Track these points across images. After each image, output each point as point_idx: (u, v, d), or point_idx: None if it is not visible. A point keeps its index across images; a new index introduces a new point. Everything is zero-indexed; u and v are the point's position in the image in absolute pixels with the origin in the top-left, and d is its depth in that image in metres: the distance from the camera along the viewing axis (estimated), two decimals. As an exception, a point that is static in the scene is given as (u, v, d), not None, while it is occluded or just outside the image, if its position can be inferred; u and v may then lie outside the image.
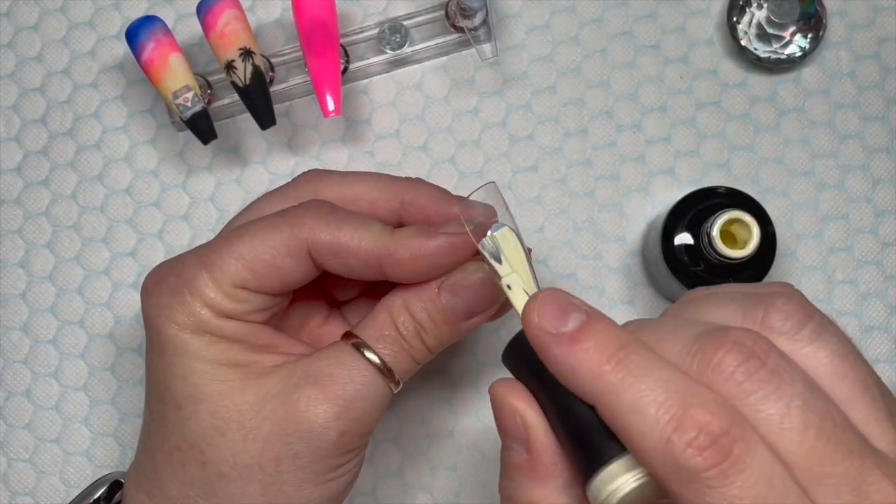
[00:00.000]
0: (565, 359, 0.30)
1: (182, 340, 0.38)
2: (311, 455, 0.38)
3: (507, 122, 0.52)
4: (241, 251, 0.39)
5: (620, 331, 0.30)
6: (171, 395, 0.39)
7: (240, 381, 0.38)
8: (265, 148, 0.52)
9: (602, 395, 0.29)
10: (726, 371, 0.28)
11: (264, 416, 0.38)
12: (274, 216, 0.40)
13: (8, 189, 0.52)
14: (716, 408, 0.27)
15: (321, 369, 0.39)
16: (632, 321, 0.32)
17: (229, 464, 0.38)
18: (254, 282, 0.39)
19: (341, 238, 0.39)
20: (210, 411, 0.38)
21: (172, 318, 0.39)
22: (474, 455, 0.51)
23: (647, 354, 0.29)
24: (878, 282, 0.51)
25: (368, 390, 0.39)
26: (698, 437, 0.27)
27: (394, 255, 0.39)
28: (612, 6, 0.53)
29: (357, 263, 0.39)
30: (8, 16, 0.53)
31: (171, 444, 0.39)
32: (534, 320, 0.31)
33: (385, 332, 0.39)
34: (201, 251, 0.40)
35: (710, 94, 0.52)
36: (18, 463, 0.51)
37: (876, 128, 0.52)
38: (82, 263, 0.52)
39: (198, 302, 0.38)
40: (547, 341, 0.30)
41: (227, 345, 0.39)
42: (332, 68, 0.48)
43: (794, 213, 0.52)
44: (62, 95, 0.53)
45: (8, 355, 0.51)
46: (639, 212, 0.52)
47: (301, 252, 0.39)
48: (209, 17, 0.47)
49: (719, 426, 0.27)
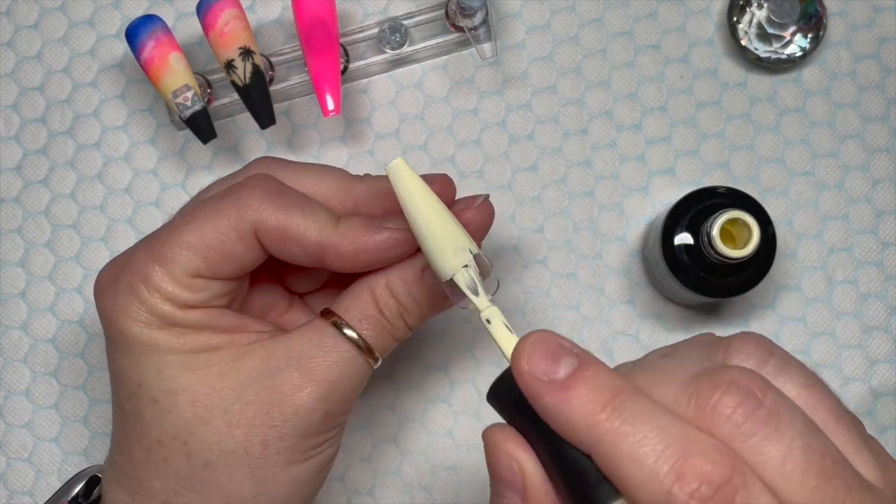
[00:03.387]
0: (558, 407, 0.29)
1: (149, 337, 0.38)
2: (296, 436, 0.38)
3: (507, 121, 0.52)
4: (190, 240, 0.38)
5: (614, 376, 0.29)
6: (145, 390, 0.38)
7: (217, 366, 0.38)
8: (265, 147, 0.52)
9: (598, 444, 0.28)
10: (724, 413, 0.27)
11: (247, 401, 0.38)
12: (218, 198, 0.39)
13: (7, 188, 0.52)
14: (716, 455, 0.27)
15: (303, 351, 0.38)
16: (622, 364, 0.31)
17: (214, 451, 0.38)
18: (207, 270, 0.38)
19: (288, 223, 0.38)
20: (190, 401, 0.38)
21: (134, 315, 0.38)
22: (474, 455, 0.51)
23: (643, 400, 0.28)
24: (878, 282, 0.51)
25: (351, 370, 0.39)
26: (700, 489, 0.26)
27: (336, 248, 0.38)
28: (612, 6, 0.53)
29: (299, 251, 0.39)
30: (8, 14, 0.53)
31: (151, 439, 0.38)
32: (524, 367, 0.29)
33: (367, 312, 0.39)
34: (150, 244, 0.39)
35: (710, 94, 0.52)
36: (17, 462, 0.51)
37: (876, 128, 0.52)
38: (82, 263, 0.52)
39: (156, 297, 0.38)
40: (539, 390, 0.29)
41: (195, 333, 0.38)
42: (331, 68, 0.48)
43: (794, 213, 0.52)
44: (62, 94, 0.53)
45: (7, 354, 0.51)
46: (639, 212, 0.52)
47: (250, 234, 0.38)
48: (209, 17, 0.47)
49: (720, 475, 0.26)
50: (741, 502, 0.26)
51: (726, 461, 0.27)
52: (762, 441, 0.27)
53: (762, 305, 0.51)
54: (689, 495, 0.26)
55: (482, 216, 0.40)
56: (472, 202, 0.40)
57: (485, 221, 0.41)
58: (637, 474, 0.27)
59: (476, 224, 0.40)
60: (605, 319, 0.51)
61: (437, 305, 0.40)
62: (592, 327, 0.51)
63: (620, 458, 0.27)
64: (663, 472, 0.26)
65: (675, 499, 0.26)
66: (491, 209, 0.41)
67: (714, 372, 0.28)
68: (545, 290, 0.51)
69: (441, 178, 0.41)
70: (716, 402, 0.27)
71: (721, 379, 0.28)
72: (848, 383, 0.50)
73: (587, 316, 0.51)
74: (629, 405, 0.28)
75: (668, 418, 0.28)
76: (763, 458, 0.27)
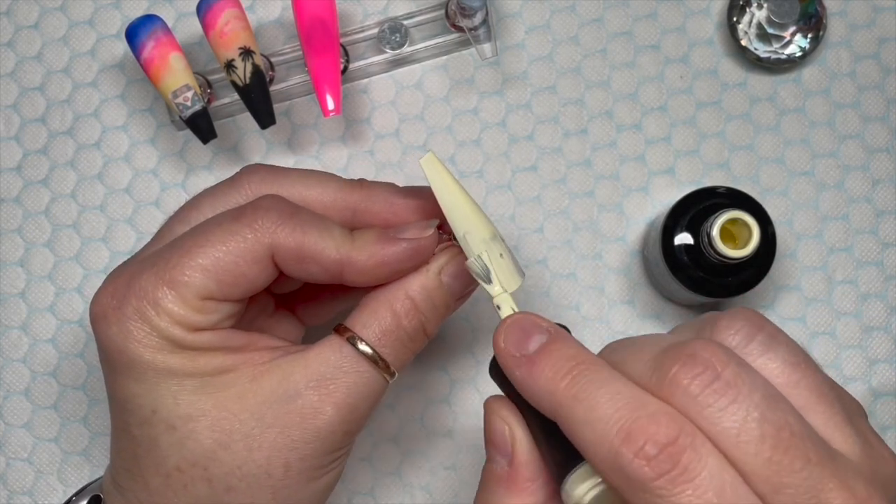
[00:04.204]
0: (524, 380, 0.31)
1: (162, 362, 0.37)
2: (317, 455, 0.38)
3: (507, 121, 0.52)
4: (203, 263, 0.37)
5: (577, 349, 0.31)
6: (160, 417, 0.37)
7: (234, 389, 0.37)
8: (265, 147, 0.52)
9: (558, 410, 0.30)
10: (682, 384, 0.28)
11: (267, 424, 0.37)
12: (229, 219, 0.38)
13: (8, 188, 0.52)
14: (664, 418, 0.28)
15: (322, 373, 0.38)
16: (615, 341, 0.32)
17: (236, 476, 0.37)
18: (219, 292, 0.38)
19: (306, 243, 0.38)
20: (209, 426, 0.37)
21: (144, 341, 0.37)
22: (474, 455, 0.51)
23: (601, 370, 0.30)
24: (878, 282, 0.51)
25: (370, 390, 0.39)
26: (645, 447, 0.27)
27: (356, 264, 0.38)
28: (612, 6, 0.53)
29: (317, 269, 0.38)
30: (8, 15, 0.53)
31: (169, 466, 0.37)
32: (500, 345, 0.32)
33: (387, 328, 0.39)
34: (157, 266, 0.37)
35: (710, 94, 0.52)
36: (17, 462, 0.51)
37: (876, 128, 0.52)
38: (82, 263, 0.52)
39: (166, 320, 0.37)
40: (510, 364, 0.32)
41: (209, 355, 0.38)
42: (331, 68, 0.48)
43: (794, 213, 0.52)
44: (62, 94, 0.53)
45: (7, 354, 0.51)
46: (639, 212, 0.52)
47: (266, 258, 0.38)
48: (209, 17, 0.47)
49: (666, 435, 0.27)
50: (686, 461, 0.27)
51: (673, 423, 0.28)
52: (717, 412, 0.28)
53: (762, 305, 0.51)
54: (635, 453, 0.27)
55: None
56: None
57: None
58: (590, 437, 0.29)
59: None
60: (605, 319, 0.51)
61: (453, 306, 0.41)
62: (592, 327, 0.51)
63: (576, 423, 0.29)
64: (612, 433, 0.28)
65: (622, 458, 0.28)
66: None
67: (678, 346, 0.29)
68: (545, 290, 0.51)
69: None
70: (675, 374, 0.28)
71: (682, 352, 0.29)
72: (848, 383, 0.50)
73: (587, 316, 0.51)
74: (587, 374, 0.30)
75: (623, 385, 0.29)
76: (718, 429, 0.28)
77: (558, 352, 0.31)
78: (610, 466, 0.28)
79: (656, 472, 0.27)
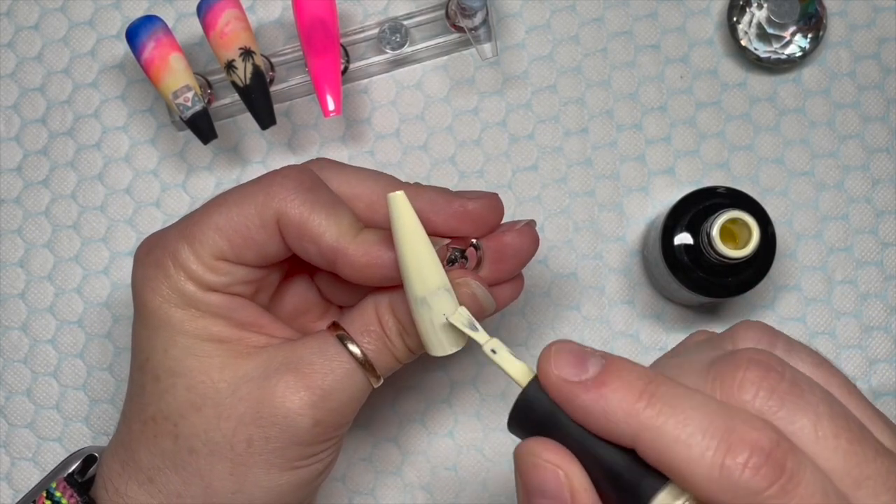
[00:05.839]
0: (595, 403, 0.29)
1: (165, 313, 0.38)
2: (283, 440, 0.38)
3: (507, 121, 0.52)
4: (218, 222, 0.38)
5: (641, 368, 0.29)
6: (151, 366, 0.39)
7: (220, 359, 0.38)
8: (265, 147, 0.52)
9: (641, 433, 0.28)
10: (751, 389, 0.28)
11: (240, 396, 0.38)
12: (251, 183, 0.39)
13: (8, 189, 0.52)
14: (759, 423, 0.27)
15: (302, 357, 0.38)
16: (652, 364, 0.32)
17: (201, 440, 0.38)
18: (231, 253, 0.38)
19: (309, 220, 0.38)
20: (187, 385, 0.38)
21: (157, 290, 0.38)
22: (474, 455, 0.51)
23: (675, 385, 0.28)
24: (878, 282, 0.51)
25: (348, 383, 0.39)
26: (752, 457, 0.26)
27: (349, 256, 0.38)
28: (612, 6, 0.53)
29: (314, 251, 0.38)
30: (8, 15, 0.53)
31: (147, 414, 0.39)
32: (552, 372, 0.30)
33: (370, 327, 0.39)
34: (184, 222, 0.39)
35: (710, 94, 0.52)
36: (21, 462, 0.51)
37: (876, 128, 0.52)
38: (82, 263, 0.52)
39: (182, 275, 0.38)
40: (571, 390, 0.29)
41: (210, 320, 0.39)
42: (332, 68, 0.48)
43: (794, 213, 0.52)
44: (62, 95, 0.53)
45: (7, 355, 0.51)
46: (639, 212, 0.52)
47: (273, 223, 0.38)
48: (209, 17, 0.47)
49: (769, 441, 0.27)
50: (792, 467, 0.26)
51: (769, 428, 0.27)
52: (792, 412, 0.28)
53: (762, 305, 0.51)
54: (743, 465, 0.26)
55: (521, 241, 0.40)
56: (514, 225, 0.41)
57: (524, 246, 0.40)
58: (685, 454, 0.27)
59: (514, 248, 0.40)
60: (605, 319, 0.51)
61: None
62: (593, 327, 0.51)
63: (666, 442, 0.27)
64: (713, 447, 0.27)
65: (729, 471, 0.26)
66: (533, 235, 0.41)
67: (730, 355, 0.29)
68: (545, 290, 0.51)
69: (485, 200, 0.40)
70: (741, 380, 0.28)
71: (740, 359, 0.28)
72: (848, 383, 0.51)
73: (587, 316, 0.51)
74: (664, 391, 0.28)
75: (703, 398, 0.28)
76: (794, 428, 0.27)
77: (625, 372, 0.29)
78: (714, 483, 0.27)
79: (768, 481, 0.26)
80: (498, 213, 0.41)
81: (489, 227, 0.40)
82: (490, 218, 0.40)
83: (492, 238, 0.40)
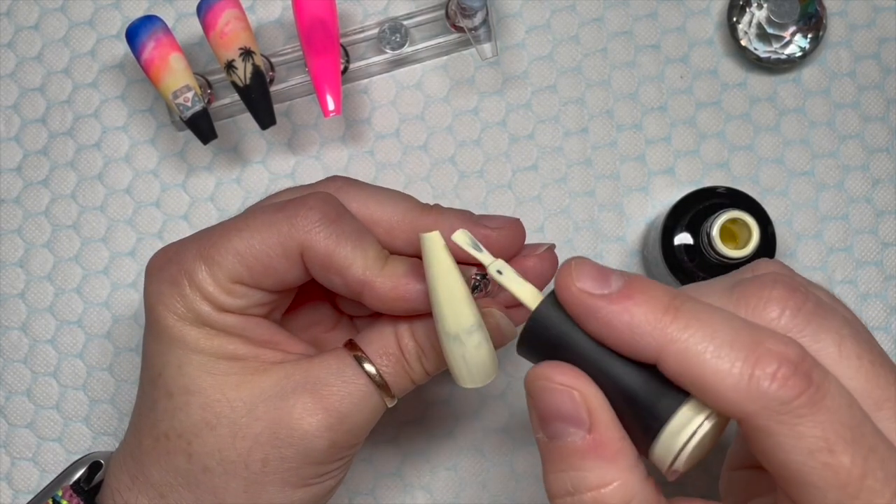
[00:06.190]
0: (619, 316, 0.28)
1: (179, 331, 0.38)
2: (298, 460, 0.38)
3: (507, 121, 0.52)
4: (238, 247, 0.38)
5: (664, 285, 0.29)
6: (163, 381, 0.38)
7: (236, 376, 0.38)
8: (265, 148, 0.52)
9: (667, 345, 0.28)
10: (777, 307, 0.28)
11: (256, 416, 0.38)
12: (274, 209, 0.38)
13: (8, 189, 0.52)
14: (785, 339, 0.27)
15: (320, 378, 0.38)
16: None
17: (215, 458, 0.38)
18: (250, 278, 0.38)
19: (336, 253, 0.37)
20: (201, 404, 0.38)
21: (171, 307, 0.38)
22: (474, 455, 0.51)
23: (700, 302, 0.28)
24: (878, 282, 0.51)
25: (364, 404, 0.38)
26: (781, 369, 0.27)
27: (377, 290, 0.37)
28: (612, 6, 0.53)
29: (340, 282, 0.38)
30: (8, 15, 0.53)
31: (159, 430, 0.38)
32: (573, 285, 0.29)
33: (389, 349, 0.39)
34: (202, 241, 0.39)
35: (710, 94, 0.52)
36: (21, 462, 0.51)
37: (876, 128, 0.52)
38: (81, 263, 0.52)
39: (197, 295, 0.38)
40: (594, 303, 0.28)
41: (225, 338, 0.38)
42: (332, 68, 0.48)
43: (794, 213, 0.52)
44: (62, 95, 0.53)
45: (7, 355, 0.51)
46: (639, 212, 0.52)
47: (296, 254, 0.38)
48: (209, 17, 0.47)
49: (795, 354, 0.27)
50: (818, 379, 0.27)
51: (795, 343, 0.27)
52: (817, 331, 0.28)
53: (762, 305, 0.51)
54: (772, 376, 0.27)
55: (542, 266, 0.40)
56: (535, 250, 0.41)
57: (544, 271, 0.40)
58: (713, 366, 0.27)
59: (535, 273, 0.40)
60: (605, 319, 0.51)
61: None
62: (593, 327, 0.51)
63: (692, 355, 0.27)
64: (741, 357, 0.27)
65: (758, 381, 0.27)
66: (554, 260, 0.41)
67: (755, 277, 0.29)
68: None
69: (509, 230, 0.40)
70: (766, 298, 0.28)
71: (765, 279, 0.29)
72: (848, 383, 0.51)
73: (587, 316, 0.51)
74: (690, 306, 0.28)
75: (728, 314, 0.28)
76: (818, 347, 0.28)
77: (652, 287, 0.29)
78: (742, 394, 0.27)
79: (796, 391, 0.26)
80: (521, 241, 0.41)
81: (512, 255, 0.40)
82: (514, 246, 0.40)
83: (514, 262, 0.40)
